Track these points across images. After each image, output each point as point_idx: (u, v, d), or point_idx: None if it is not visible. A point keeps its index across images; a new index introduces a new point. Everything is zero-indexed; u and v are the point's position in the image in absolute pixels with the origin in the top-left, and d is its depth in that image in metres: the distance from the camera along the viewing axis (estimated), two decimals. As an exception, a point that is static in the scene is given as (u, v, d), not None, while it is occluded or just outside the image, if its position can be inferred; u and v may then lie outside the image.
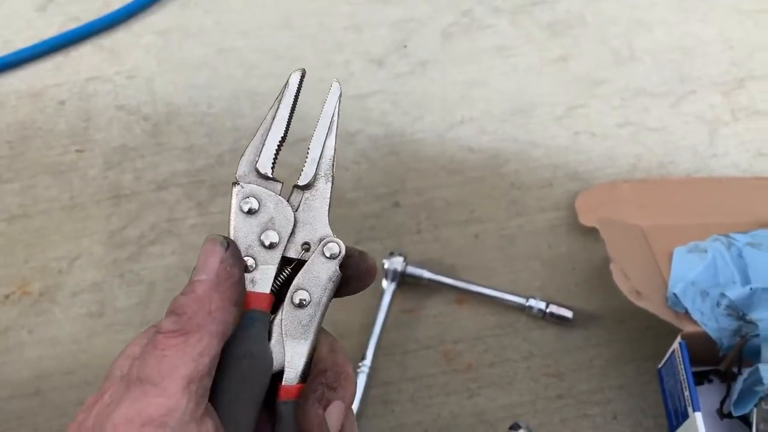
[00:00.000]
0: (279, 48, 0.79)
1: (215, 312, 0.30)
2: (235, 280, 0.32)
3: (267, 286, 0.33)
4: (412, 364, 0.60)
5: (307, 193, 0.34)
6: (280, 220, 0.34)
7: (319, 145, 0.35)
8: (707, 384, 0.57)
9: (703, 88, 0.74)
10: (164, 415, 0.28)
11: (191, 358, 0.29)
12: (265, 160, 0.34)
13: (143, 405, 0.28)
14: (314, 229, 0.34)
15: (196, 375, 0.29)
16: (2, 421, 0.58)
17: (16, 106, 0.75)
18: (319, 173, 0.35)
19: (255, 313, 0.32)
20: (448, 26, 0.79)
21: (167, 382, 0.29)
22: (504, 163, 0.70)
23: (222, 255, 0.32)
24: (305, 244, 0.34)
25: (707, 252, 0.57)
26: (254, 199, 0.33)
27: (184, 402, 0.29)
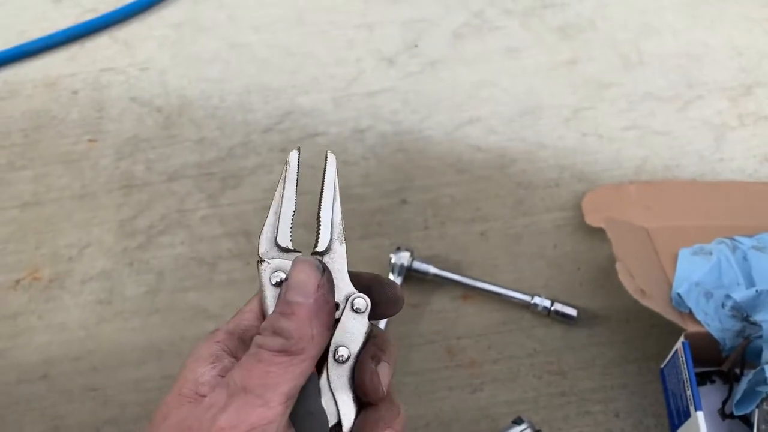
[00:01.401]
0: (291, 44, 0.80)
1: (317, 337, 0.33)
2: (330, 306, 0.34)
3: None
4: (416, 358, 0.60)
5: (326, 257, 0.37)
6: None
7: (329, 212, 0.38)
8: (709, 384, 0.57)
9: (711, 93, 0.74)
10: (265, 425, 0.31)
11: (293, 376, 0.32)
12: (283, 235, 0.37)
13: (247, 413, 0.31)
14: (339, 289, 0.37)
15: (294, 392, 0.32)
16: (10, 404, 0.59)
17: (31, 95, 0.76)
18: (333, 237, 0.37)
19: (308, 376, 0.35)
20: (459, 27, 0.80)
21: (270, 395, 0.31)
22: (511, 162, 0.70)
23: (319, 280, 0.34)
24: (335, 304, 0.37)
25: (712, 254, 0.57)
26: (281, 272, 0.36)
27: (282, 414, 0.31)
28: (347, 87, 0.76)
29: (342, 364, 0.36)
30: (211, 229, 0.67)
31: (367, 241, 0.66)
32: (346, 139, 0.73)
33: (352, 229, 0.67)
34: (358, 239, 0.66)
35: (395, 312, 0.38)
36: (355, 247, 0.66)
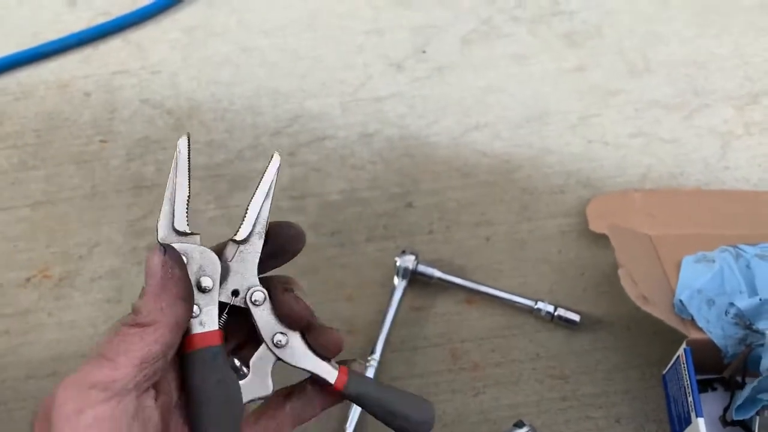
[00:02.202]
0: (301, 48, 0.80)
1: (166, 308, 0.35)
2: (177, 278, 0.36)
3: (215, 324, 0.38)
4: (419, 361, 0.61)
5: (242, 246, 0.39)
6: (209, 267, 0.38)
7: (257, 207, 0.39)
8: (711, 392, 0.57)
9: (717, 101, 0.75)
10: (108, 382, 0.33)
11: (146, 343, 0.34)
12: (180, 220, 0.38)
13: (94, 372, 0.33)
14: (244, 278, 0.39)
15: (148, 356, 0.34)
16: (18, 400, 0.60)
17: (44, 97, 0.77)
18: (254, 231, 0.39)
19: (213, 349, 0.37)
20: (468, 33, 0.81)
21: (121, 358, 0.33)
22: (517, 168, 0.71)
23: (162, 258, 0.36)
24: (235, 291, 0.39)
25: (715, 262, 0.57)
26: (182, 254, 0.37)
27: (132, 375, 0.33)
28: (355, 91, 0.77)
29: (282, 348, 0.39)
30: (219, 229, 0.68)
31: (373, 244, 0.67)
32: (353, 142, 0.74)
33: (358, 232, 0.68)
34: (363, 242, 0.67)
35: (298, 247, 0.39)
36: (360, 250, 0.67)
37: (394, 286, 0.63)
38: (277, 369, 0.39)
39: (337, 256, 0.67)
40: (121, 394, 0.33)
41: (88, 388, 0.32)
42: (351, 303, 0.64)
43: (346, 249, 0.67)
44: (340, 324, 0.63)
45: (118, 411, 0.32)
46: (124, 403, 0.33)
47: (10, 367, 0.61)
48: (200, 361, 0.37)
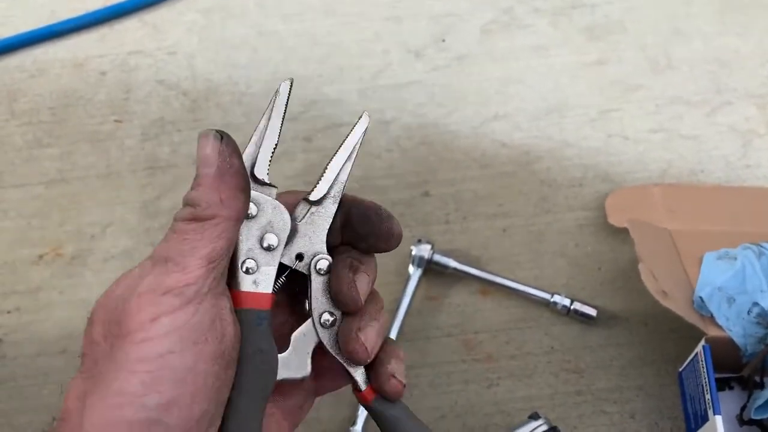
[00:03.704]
0: (319, 34, 0.80)
1: (226, 200, 0.32)
2: (236, 168, 0.33)
3: (269, 287, 0.35)
4: (433, 351, 0.60)
5: (314, 208, 0.36)
6: (278, 224, 0.35)
7: (336, 169, 0.36)
8: (728, 391, 0.57)
9: (739, 99, 0.74)
10: (183, 286, 0.31)
11: (209, 240, 0.32)
12: (261, 167, 0.35)
13: (165, 277, 0.31)
14: (311, 243, 0.36)
15: (215, 255, 0.32)
16: (29, 376, 0.59)
17: (59, 75, 0.77)
18: (330, 194, 0.36)
19: (260, 313, 0.34)
20: (488, 23, 0.80)
21: (188, 260, 0.31)
22: (536, 160, 0.70)
23: (219, 147, 0.33)
24: (299, 255, 0.36)
25: (737, 259, 0.57)
26: (253, 204, 0.35)
27: (203, 277, 0.31)
28: (373, 78, 0.76)
29: (327, 329, 0.36)
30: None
31: (388, 232, 0.66)
32: (370, 130, 0.72)
33: (374, 219, 0.67)
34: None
35: (388, 248, 0.37)
36: (375, 238, 0.66)
37: (409, 274, 0.63)
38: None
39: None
40: (196, 300, 0.31)
41: (161, 294, 0.31)
42: (365, 290, 0.63)
43: (361, 236, 0.66)
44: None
45: (195, 318, 0.31)
46: (201, 310, 0.31)
47: (21, 344, 0.61)
48: (244, 323, 0.34)
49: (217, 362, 0.31)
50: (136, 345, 0.30)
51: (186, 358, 0.30)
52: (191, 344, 0.31)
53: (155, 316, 0.30)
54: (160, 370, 0.30)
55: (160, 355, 0.30)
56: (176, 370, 0.30)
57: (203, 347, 0.31)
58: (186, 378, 0.30)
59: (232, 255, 0.34)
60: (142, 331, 0.30)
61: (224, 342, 0.32)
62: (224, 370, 0.32)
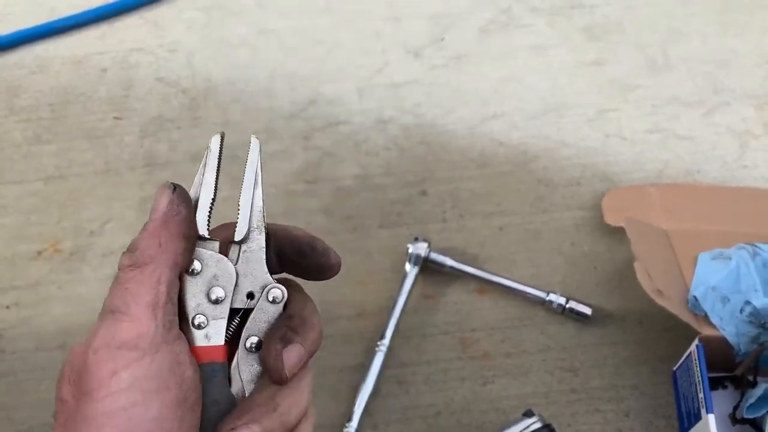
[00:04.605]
0: (318, 33, 0.80)
1: (165, 244, 0.33)
2: (182, 216, 0.34)
3: (221, 339, 0.35)
4: (429, 348, 0.61)
5: (244, 246, 0.36)
6: (224, 276, 0.35)
7: (248, 200, 0.36)
8: (721, 390, 0.57)
9: (737, 100, 0.74)
10: (135, 338, 0.31)
11: (150, 285, 0.32)
12: (201, 222, 0.35)
13: (116, 329, 0.31)
14: (255, 278, 0.36)
15: (157, 301, 0.32)
16: (27, 371, 0.60)
17: (59, 71, 0.77)
18: (252, 226, 0.36)
19: (214, 365, 0.35)
20: (486, 23, 0.80)
21: (133, 308, 0.32)
22: (533, 159, 0.70)
23: (170, 196, 0.34)
24: (249, 293, 0.36)
25: (731, 259, 0.57)
26: (197, 261, 0.35)
27: (153, 325, 0.31)
28: (372, 77, 0.77)
29: (253, 353, 0.36)
30: (232, 210, 0.67)
31: (386, 230, 0.67)
32: (368, 128, 0.73)
33: (371, 218, 0.68)
34: (376, 228, 0.67)
35: (326, 278, 0.37)
36: (373, 236, 0.66)
37: (406, 272, 0.63)
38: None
39: (350, 241, 0.66)
40: (151, 349, 0.31)
41: (116, 348, 0.31)
42: (362, 288, 0.64)
43: (359, 234, 0.67)
44: (350, 309, 0.63)
45: (153, 368, 0.31)
46: (158, 359, 0.31)
47: (20, 339, 0.61)
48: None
49: (180, 407, 0.32)
50: (99, 402, 0.30)
51: (150, 408, 0.31)
52: (153, 394, 0.31)
53: (114, 371, 0.31)
54: (127, 422, 0.31)
55: (124, 409, 0.30)
56: (142, 420, 0.31)
57: (165, 395, 0.31)
58: (152, 427, 0.31)
59: (182, 312, 0.35)
60: (103, 387, 0.30)
61: (184, 386, 0.32)
62: (189, 413, 0.33)
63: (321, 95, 0.76)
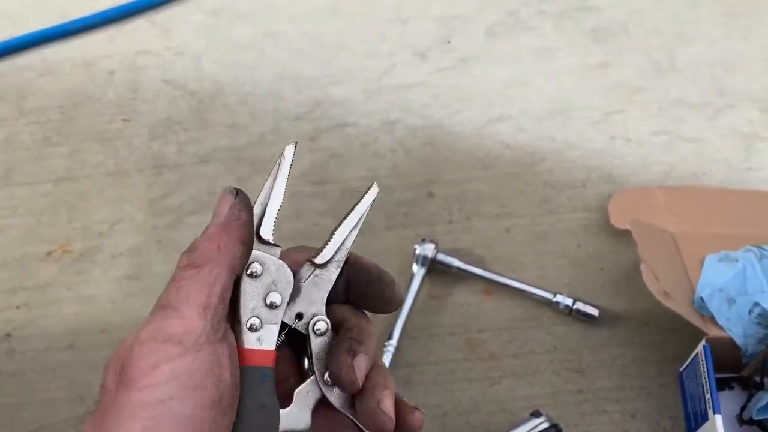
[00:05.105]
0: (326, 35, 0.80)
1: (223, 248, 0.34)
2: (242, 221, 0.35)
3: (272, 344, 0.36)
4: (436, 349, 0.61)
5: (318, 270, 0.37)
6: (282, 283, 0.36)
7: (344, 235, 0.37)
8: (728, 390, 0.57)
9: (742, 102, 0.74)
10: (182, 334, 0.32)
11: (204, 286, 0.33)
12: (267, 227, 0.36)
13: (164, 324, 0.32)
14: (312, 304, 0.37)
15: (209, 301, 0.33)
16: (37, 371, 0.60)
17: (69, 74, 0.78)
18: (335, 258, 0.37)
19: (264, 369, 0.36)
20: (493, 25, 0.81)
21: (185, 307, 0.33)
22: (539, 161, 0.71)
23: (232, 201, 0.35)
24: (299, 314, 0.37)
25: (738, 261, 0.57)
26: (258, 264, 0.36)
27: (201, 324, 0.32)
28: (379, 79, 0.77)
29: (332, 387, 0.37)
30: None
31: (392, 231, 0.67)
32: (375, 130, 0.74)
33: (378, 219, 0.68)
34: (383, 230, 0.67)
35: (388, 311, 0.38)
36: (379, 238, 0.67)
37: (413, 273, 0.63)
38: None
39: (357, 242, 0.66)
40: (195, 347, 0.32)
41: (162, 342, 0.32)
42: (369, 289, 0.64)
43: (366, 236, 0.67)
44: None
45: (194, 365, 0.32)
46: (199, 357, 0.32)
47: (30, 339, 0.61)
48: (247, 380, 0.35)
49: (214, 408, 0.33)
50: (138, 391, 0.31)
51: (186, 405, 0.32)
52: (190, 390, 0.32)
53: (156, 363, 0.31)
54: (162, 415, 0.31)
55: (160, 402, 0.31)
56: (177, 416, 0.31)
57: (201, 393, 0.32)
58: (185, 423, 0.32)
59: (237, 312, 0.35)
60: (144, 378, 0.31)
61: (221, 388, 0.33)
62: (221, 415, 0.33)
63: (328, 97, 0.76)
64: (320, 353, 0.37)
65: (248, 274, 0.36)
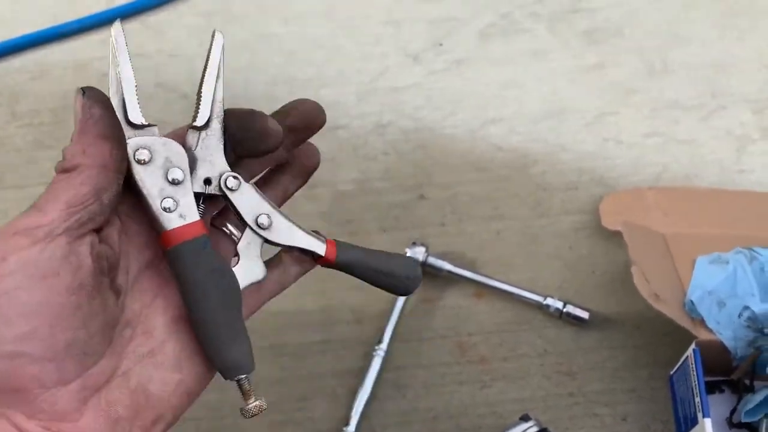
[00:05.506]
0: (319, 37, 0.80)
1: (88, 149, 0.34)
2: (96, 117, 0.35)
3: (195, 215, 0.37)
4: (426, 352, 0.61)
5: (203, 133, 0.38)
6: (175, 157, 0.37)
7: (210, 90, 0.38)
8: (718, 394, 0.57)
9: (735, 104, 0.74)
10: (35, 228, 0.33)
11: (72, 186, 0.34)
12: (133, 111, 0.37)
13: (20, 220, 0.33)
14: (213, 165, 0.38)
15: (76, 200, 0.33)
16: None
17: (61, 77, 0.78)
18: (213, 115, 0.38)
19: (199, 240, 0.36)
20: (486, 27, 0.80)
21: (48, 205, 0.33)
22: (532, 163, 0.71)
23: (81, 101, 0.35)
24: (207, 179, 0.38)
25: (729, 263, 0.57)
26: (143, 149, 0.36)
27: (57, 217, 0.33)
28: (371, 82, 0.77)
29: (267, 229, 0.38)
30: (231, 214, 0.68)
31: (384, 234, 0.67)
32: (367, 133, 0.74)
33: (370, 222, 0.68)
34: (375, 232, 0.67)
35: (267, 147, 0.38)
36: (371, 240, 0.67)
37: (404, 276, 0.63)
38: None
39: (348, 244, 0.67)
40: (47, 239, 0.32)
41: (12, 235, 0.32)
42: (360, 293, 0.64)
43: (358, 238, 0.67)
44: (349, 313, 0.63)
45: (44, 255, 0.32)
46: (50, 247, 0.32)
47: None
48: (188, 254, 0.36)
49: (74, 293, 0.33)
50: None
51: (34, 293, 0.32)
52: (38, 280, 0.32)
53: (3, 256, 0.32)
54: (9, 306, 0.32)
55: (5, 292, 0.32)
56: (26, 304, 0.32)
57: (54, 281, 0.32)
58: (39, 311, 0.32)
59: (146, 202, 0.36)
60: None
61: (80, 274, 0.33)
62: (87, 300, 0.33)
63: (320, 99, 0.74)
64: (243, 204, 0.38)
65: (138, 162, 0.36)
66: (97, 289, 0.34)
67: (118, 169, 0.35)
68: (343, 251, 0.40)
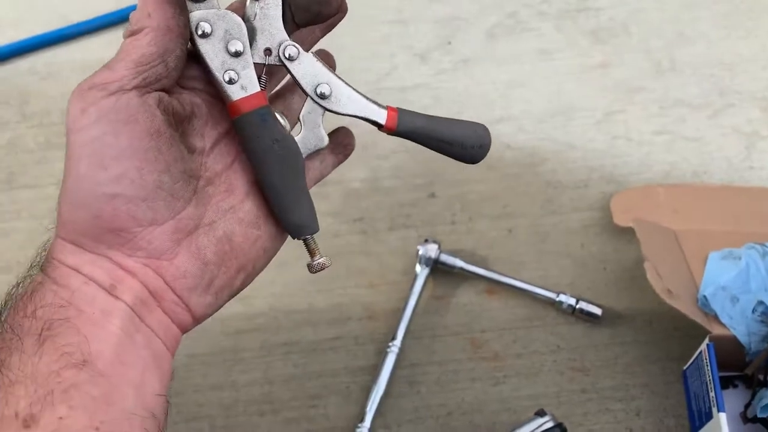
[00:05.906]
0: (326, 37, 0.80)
1: (153, 12, 0.36)
2: None
3: (256, 86, 0.38)
4: (439, 349, 0.61)
5: (262, 2, 0.38)
6: (234, 29, 0.37)
7: None
8: (732, 389, 0.57)
9: (743, 102, 0.74)
10: (105, 82, 0.35)
11: (139, 48, 0.35)
12: None
13: (93, 77, 0.35)
14: (272, 36, 0.38)
15: (143, 59, 0.35)
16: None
17: (69, 77, 0.78)
18: None
19: (260, 111, 0.37)
20: (493, 26, 0.81)
21: (117, 64, 0.35)
22: (541, 162, 0.71)
23: None
24: (267, 50, 0.38)
25: (741, 259, 0.57)
26: (204, 23, 0.37)
27: (128, 77, 0.35)
28: (380, 81, 0.77)
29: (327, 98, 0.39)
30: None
31: (395, 232, 0.67)
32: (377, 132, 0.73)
33: (381, 220, 0.68)
34: (385, 230, 0.67)
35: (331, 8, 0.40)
36: (382, 239, 0.67)
37: (416, 274, 0.63)
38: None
39: (359, 243, 0.67)
40: (119, 92, 0.35)
41: (87, 89, 0.35)
42: (372, 290, 0.64)
43: (369, 237, 0.67)
44: (361, 310, 0.63)
45: (120, 104, 0.34)
46: (124, 98, 0.35)
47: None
48: (251, 125, 0.37)
49: (153, 138, 0.35)
50: (73, 135, 0.35)
51: (121, 138, 0.35)
52: (122, 125, 0.34)
53: (83, 108, 0.35)
54: (100, 150, 0.34)
55: (95, 138, 0.34)
56: (114, 147, 0.34)
57: (134, 126, 0.35)
58: (126, 154, 0.35)
59: (211, 74, 0.37)
60: (76, 122, 0.35)
61: (156, 122, 0.35)
62: (167, 145, 0.36)
63: None
64: (303, 74, 0.38)
65: (200, 35, 0.37)
66: (174, 138, 0.36)
67: (182, 34, 0.36)
68: (405, 119, 0.41)
